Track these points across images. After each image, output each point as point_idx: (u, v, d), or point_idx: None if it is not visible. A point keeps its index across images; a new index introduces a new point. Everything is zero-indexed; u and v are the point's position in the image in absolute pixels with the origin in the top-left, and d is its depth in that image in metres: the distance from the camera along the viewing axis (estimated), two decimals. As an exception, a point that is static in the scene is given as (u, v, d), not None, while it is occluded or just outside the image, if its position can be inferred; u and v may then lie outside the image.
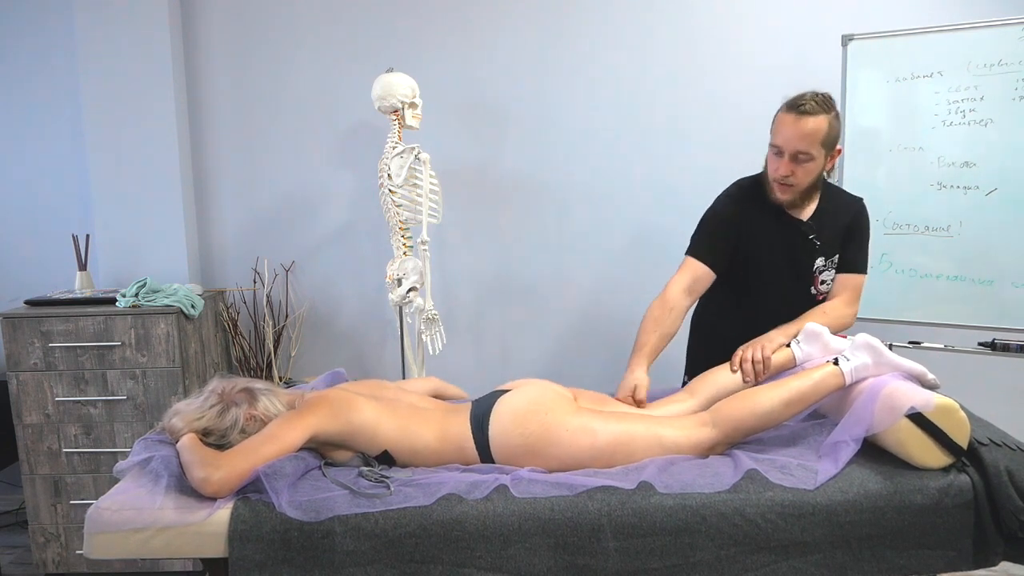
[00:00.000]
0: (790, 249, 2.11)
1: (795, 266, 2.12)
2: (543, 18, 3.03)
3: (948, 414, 1.52)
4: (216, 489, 1.44)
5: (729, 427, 1.66)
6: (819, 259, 2.11)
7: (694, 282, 2.10)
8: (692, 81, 3.05)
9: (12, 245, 3.09)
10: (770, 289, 2.15)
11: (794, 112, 1.96)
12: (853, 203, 2.15)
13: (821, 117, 1.95)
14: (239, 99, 3.06)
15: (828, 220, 2.11)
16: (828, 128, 1.96)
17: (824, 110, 1.96)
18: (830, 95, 2.01)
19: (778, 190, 2.05)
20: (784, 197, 2.05)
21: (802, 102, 1.96)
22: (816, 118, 1.94)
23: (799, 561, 1.47)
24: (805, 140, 1.95)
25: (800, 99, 1.97)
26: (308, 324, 3.17)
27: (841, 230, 2.11)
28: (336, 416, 1.60)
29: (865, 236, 2.14)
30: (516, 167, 3.10)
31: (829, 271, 2.13)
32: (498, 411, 1.67)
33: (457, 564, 1.44)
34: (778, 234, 2.11)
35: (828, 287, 2.14)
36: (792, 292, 2.14)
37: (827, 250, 2.12)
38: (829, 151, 2.01)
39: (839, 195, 2.18)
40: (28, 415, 2.60)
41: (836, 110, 2.00)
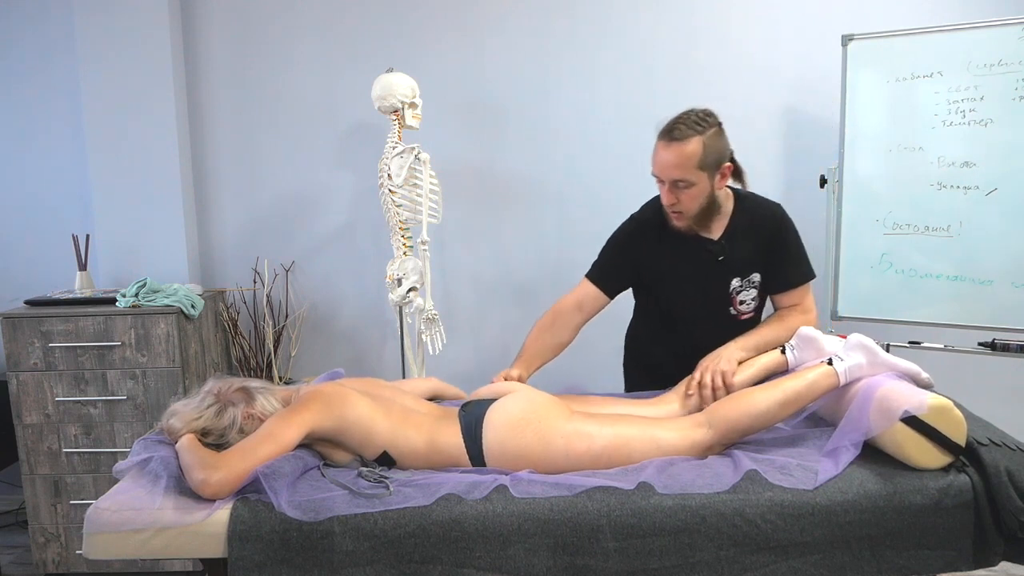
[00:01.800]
0: (700, 271, 2.02)
1: (708, 288, 2.03)
2: (543, 18, 3.03)
3: (943, 414, 1.51)
4: (215, 491, 1.44)
5: (725, 427, 1.66)
6: (734, 280, 2.02)
7: (584, 300, 2.09)
8: (692, 81, 3.05)
9: (12, 245, 3.09)
10: (688, 312, 2.09)
11: (664, 139, 1.88)
12: (768, 217, 2.02)
13: (693, 140, 1.84)
14: (239, 99, 3.06)
15: (741, 237, 2.01)
16: (703, 150, 1.85)
17: (697, 131, 1.85)
18: (709, 112, 1.91)
19: (671, 218, 1.97)
20: (679, 224, 1.97)
21: (673, 127, 1.87)
22: (686, 143, 1.84)
23: (799, 561, 1.47)
24: (679, 168, 1.86)
25: (672, 123, 1.88)
26: (308, 324, 3.17)
27: (759, 247, 2.01)
28: (330, 411, 1.60)
29: (790, 249, 2.03)
30: (516, 167, 3.10)
31: (748, 290, 2.03)
32: (491, 420, 1.65)
33: (457, 564, 1.44)
34: (685, 256, 2.02)
35: (749, 307, 2.05)
36: (712, 314, 2.06)
37: (742, 270, 2.02)
38: (712, 171, 1.89)
39: (755, 208, 2.04)
40: (28, 415, 2.60)
41: (715, 126, 1.89)
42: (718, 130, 1.90)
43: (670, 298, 2.10)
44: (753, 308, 2.08)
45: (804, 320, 2.02)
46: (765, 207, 2.06)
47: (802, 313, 2.04)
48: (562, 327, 2.09)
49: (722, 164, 1.91)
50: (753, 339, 1.98)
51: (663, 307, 2.14)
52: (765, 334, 1.99)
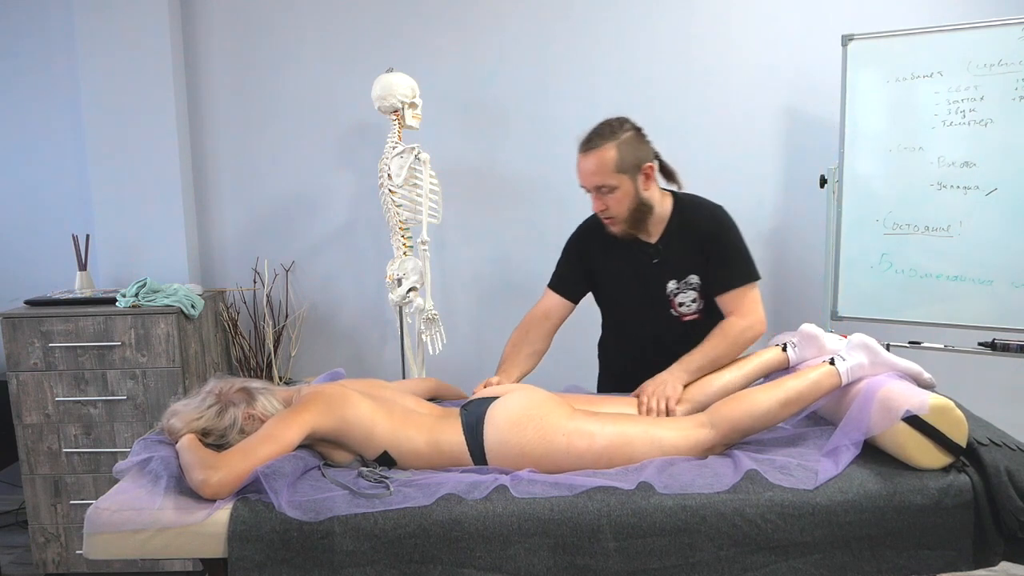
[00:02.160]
0: (638, 274, 2.08)
1: (648, 291, 2.08)
2: (543, 18, 3.03)
3: (944, 414, 1.51)
4: (215, 491, 1.44)
5: (727, 427, 1.66)
6: (670, 282, 2.06)
7: (550, 309, 2.17)
8: (692, 81, 3.05)
9: (12, 245, 3.09)
10: (633, 315, 2.14)
11: (581, 151, 1.97)
12: (705, 219, 2.04)
13: (606, 146, 1.92)
14: (239, 99, 3.06)
15: (676, 241, 2.04)
16: (617, 154, 1.92)
17: (608, 138, 1.93)
18: (623, 119, 1.99)
19: (606, 225, 2.04)
20: (615, 230, 2.02)
21: (588, 138, 1.96)
22: (599, 150, 1.93)
23: (799, 561, 1.47)
24: (597, 175, 1.94)
25: (587, 135, 1.97)
26: (308, 324, 3.17)
27: (696, 249, 2.03)
28: (331, 411, 1.60)
29: (726, 250, 2.02)
30: (516, 167, 3.10)
31: (685, 292, 2.05)
32: (492, 418, 1.66)
33: (457, 564, 1.44)
34: (625, 259, 2.08)
35: (690, 308, 2.07)
36: (655, 317, 2.09)
37: (677, 272, 2.05)
38: (632, 173, 1.95)
39: (693, 209, 2.06)
40: (28, 415, 2.60)
41: (628, 131, 1.96)
42: (633, 135, 1.97)
43: (616, 302, 2.17)
44: (696, 310, 2.08)
45: (743, 326, 1.97)
46: (703, 209, 2.07)
47: (741, 318, 1.99)
48: (535, 337, 2.15)
49: (642, 166, 1.97)
50: (696, 360, 1.94)
51: (613, 311, 2.21)
52: (708, 352, 1.95)
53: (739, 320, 1.99)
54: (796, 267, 3.13)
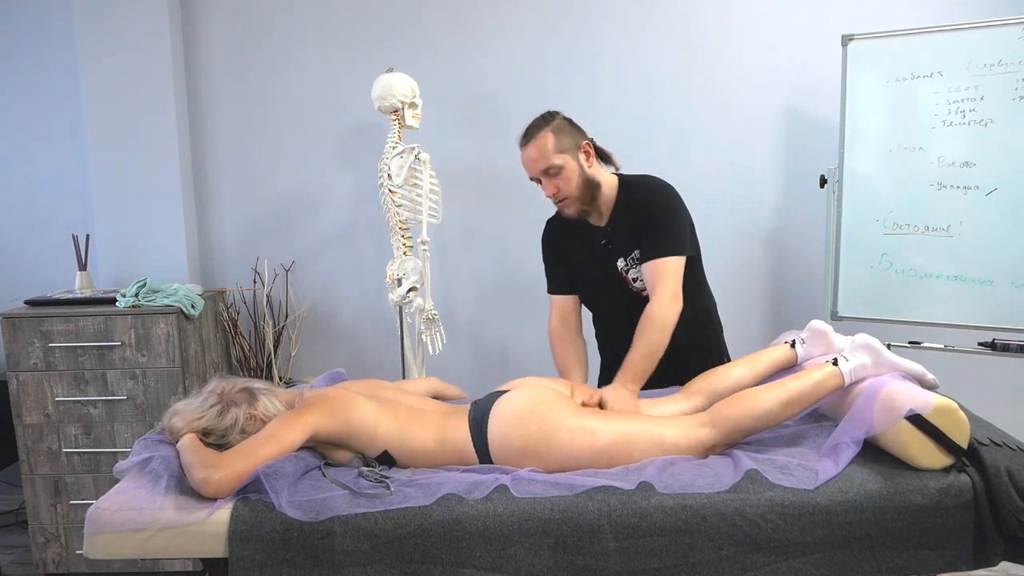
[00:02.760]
0: (596, 258, 2.17)
1: (605, 272, 2.17)
2: (543, 18, 3.03)
3: (947, 415, 1.52)
4: (216, 490, 1.44)
5: (728, 427, 1.66)
6: (619, 260, 2.14)
7: (562, 312, 2.25)
8: (692, 81, 3.05)
9: (12, 245, 3.09)
10: (601, 299, 2.25)
11: (522, 145, 2.08)
12: (643, 196, 2.09)
13: (540, 134, 2.04)
14: (239, 99, 3.06)
15: (622, 219, 2.12)
16: (554, 136, 2.03)
17: (542, 126, 2.05)
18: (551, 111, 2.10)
19: (561, 209, 2.13)
20: (571, 211, 2.11)
21: (524, 133, 2.08)
22: (535, 139, 2.04)
23: (799, 561, 1.47)
24: (541, 159, 2.04)
25: (523, 132, 2.08)
26: (308, 324, 3.17)
27: (638, 226, 2.08)
28: (335, 415, 1.60)
29: (656, 223, 2.04)
30: (516, 167, 3.07)
31: (635, 268, 2.12)
32: (497, 412, 1.67)
33: (457, 564, 1.44)
34: (584, 247, 2.19)
35: (643, 284, 2.11)
36: (618, 296, 2.17)
37: (622, 250, 2.13)
38: (574, 152, 2.05)
39: (636, 189, 2.12)
40: (28, 415, 2.60)
41: (558, 119, 2.07)
42: (563, 120, 2.09)
43: (586, 288, 2.26)
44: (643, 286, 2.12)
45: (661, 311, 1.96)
46: (644, 186, 2.13)
47: (657, 299, 1.98)
48: (569, 345, 2.23)
49: (580, 144, 2.08)
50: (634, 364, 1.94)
51: (588, 299, 2.29)
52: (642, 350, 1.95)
53: (655, 302, 1.99)
54: (796, 267, 3.13)
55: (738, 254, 3.13)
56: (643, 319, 1.99)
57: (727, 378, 1.91)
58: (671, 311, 1.98)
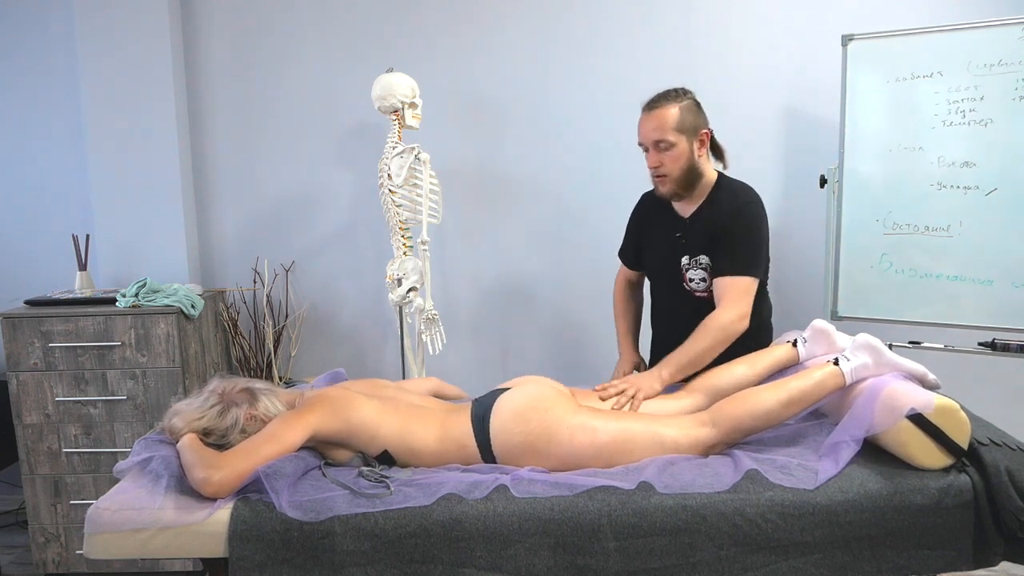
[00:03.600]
0: (665, 245, 2.22)
1: (668, 262, 2.21)
2: (543, 18, 3.03)
3: (948, 415, 1.52)
4: (216, 489, 1.44)
5: (729, 427, 1.66)
6: (684, 256, 2.17)
7: (629, 274, 2.45)
8: (692, 81, 3.01)
9: (12, 245, 3.09)
10: (659, 285, 2.32)
11: (646, 109, 2.09)
12: (732, 204, 2.09)
13: (670, 106, 2.05)
14: (239, 99, 3.06)
15: (703, 219, 2.14)
16: (679, 114, 2.05)
17: (673, 100, 2.06)
18: (685, 88, 2.12)
19: (656, 184, 2.15)
20: (664, 189, 2.13)
21: (652, 99, 2.09)
22: (663, 109, 2.05)
23: (799, 561, 1.47)
24: (658, 129, 2.04)
25: (652, 98, 2.10)
26: (308, 324, 3.17)
27: (715, 231, 2.09)
28: (336, 415, 1.61)
29: (735, 238, 2.06)
30: (516, 167, 3.10)
31: (695, 270, 2.15)
32: (499, 409, 1.67)
33: (457, 564, 1.44)
34: (660, 231, 2.25)
35: (699, 285, 2.15)
36: (672, 288, 2.22)
37: (690, 248, 2.15)
38: (691, 136, 2.07)
39: (728, 195, 2.13)
40: (28, 415, 2.60)
41: (689, 99, 2.08)
42: (693, 103, 2.10)
43: (649, 269, 2.35)
44: (705, 289, 2.16)
45: (724, 322, 1.98)
46: (735, 194, 2.13)
47: (724, 310, 2.01)
48: (630, 301, 2.46)
49: (699, 131, 2.09)
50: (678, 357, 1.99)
51: (650, 280, 2.38)
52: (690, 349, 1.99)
53: (722, 313, 2.01)
54: (796, 267, 3.13)
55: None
56: (705, 324, 2.00)
57: (729, 376, 1.91)
58: (734, 328, 2.00)
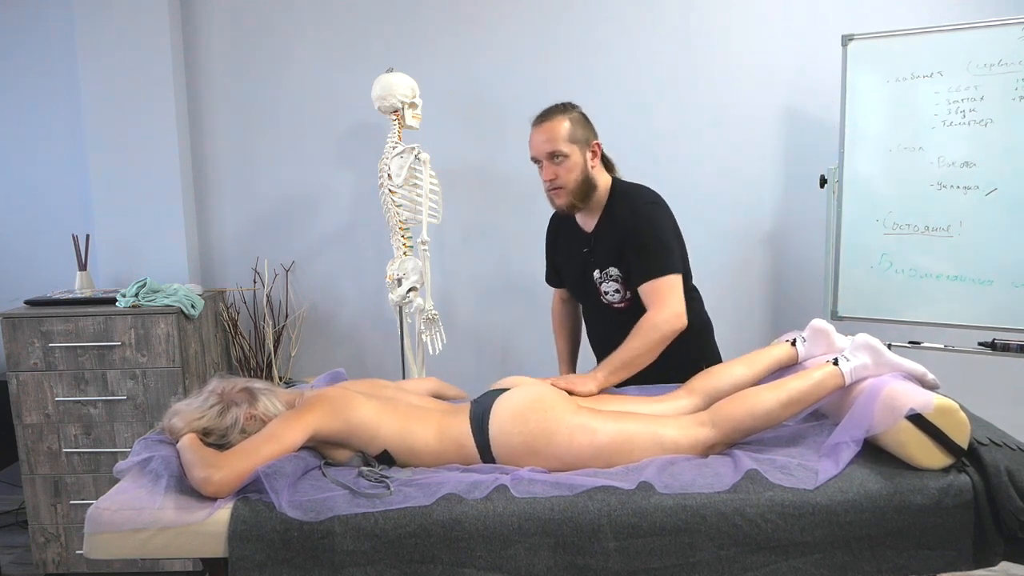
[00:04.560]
0: (575, 261, 2.22)
1: (583, 279, 2.20)
2: (543, 18, 3.03)
3: (948, 415, 1.51)
4: (216, 489, 1.44)
5: (728, 427, 1.66)
6: (595, 271, 2.15)
7: (560, 294, 2.45)
8: (692, 81, 3.05)
9: (12, 245, 3.09)
10: (581, 302, 2.34)
11: (536, 124, 2.08)
12: (628, 210, 2.08)
13: (558, 118, 2.05)
14: (239, 99, 3.06)
15: (605, 231, 2.12)
16: (571, 126, 2.05)
17: (562, 113, 2.06)
18: (571, 102, 2.12)
19: (552, 197, 2.12)
20: (560, 202, 2.10)
21: (540, 114, 2.09)
22: (554, 121, 2.05)
23: (799, 561, 1.47)
24: (549, 142, 2.04)
25: (540, 113, 2.09)
26: (308, 324, 3.17)
27: (616, 242, 2.08)
28: (335, 414, 1.61)
29: (643, 242, 2.03)
30: (516, 167, 3.10)
31: (607, 283, 2.13)
32: (498, 409, 1.67)
33: (457, 564, 1.44)
34: (569, 249, 2.24)
35: (615, 298, 2.14)
36: (592, 304, 2.23)
37: (599, 262, 2.13)
38: (583, 147, 2.06)
39: (623, 199, 2.11)
40: (28, 415, 2.60)
41: (577, 112, 2.09)
42: (582, 115, 2.11)
43: (567, 286, 2.37)
44: (620, 300, 2.15)
45: (658, 321, 1.97)
46: (631, 199, 2.11)
47: (657, 311, 1.99)
48: (566, 320, 2.46)
49: (591, 142, 2.10)
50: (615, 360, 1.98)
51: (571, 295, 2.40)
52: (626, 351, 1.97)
53: (654, 314, 1.99)
54: (796, 267, 3.13)
55: (738, 254, 3.13)
56: (639, 325, 1.99)
57: (728, 376, 1.91)
58: (669, 326, 1.98)
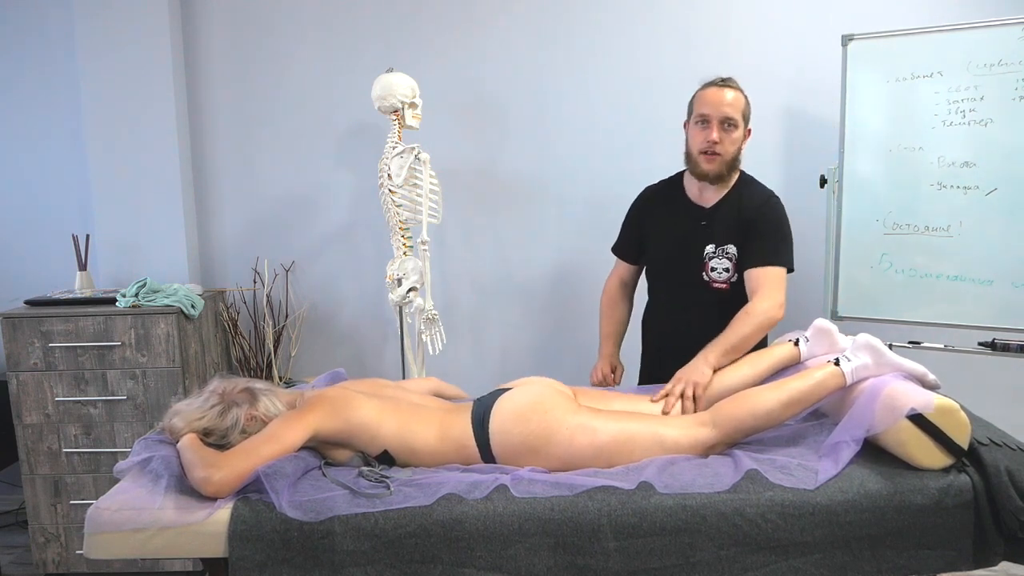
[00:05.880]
0: (683, 234, 2.22)
1: (688, 251, 2.21)
2: (543, 18, 3.03)
3: (948, 415, 1.52)
4: (217, 489, 1.44)
5: (729, 427, 1.66)
6: (709, 245, 2.18)
7: (622, 274, 2.46)
8: (692, 81, 3.02)
9: (12, 245, 3.09)
10: (670, 277, 2.29)
11: (716, 86, 2.16)
12: (760, 197, 2.19)
13: (739, 90, 2.16)
14: (239, 99, 3.06)
15: (728, 209, 2.18)
16: (746, 101, 2.16)
17: (739, 87, 2.17)
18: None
19: (705, 161, 2.14)
20: (711, 167, 2.14)
21: (723, 79, 2.17)
22: (736, 90, 2.15)
23: (799, 561, 1.47)
24: (731, 106, 2.11)
25: (720, 78, 2.18)
26: (308, 324, 3.17)
27: (741, 222, 2.16)
28: (336, 415, 1.61)
29: (768, 228, 2.14)
30: (516, 167, 3.10)
31: (720, 259, 2.17)
32: (499, 409, 1.67)
33: (457, 564, 1.44)
34: (675, 221, 2.25)
35: (721, 275, 2.18)
36: (688, 280, 2.22)
37: (717, 237, 2.18)
38: (745, 125, 2.17)
39: (750, 188, 2.23)
40: (28, 415, 2.60)
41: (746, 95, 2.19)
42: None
43: (659, 260, 2.33)
44: (725, 280, 2.18)
45: (765, 308, 2.03)
46: (761, 190, 2.23)
47: (761, 299, 2.05)
48: (620, 303, 2.46)
49: (748, 124, 2.20)
50: (722, 343, 2.00)
51: (655, 274, 2.37)
52: (732, 335, 2.01)
53: (760, 302, 2.06)
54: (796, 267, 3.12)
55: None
56: (746, 310, 2.04)
57: (730, 376, 1.91)
58: (774, 315, 2.05)
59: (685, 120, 2.28)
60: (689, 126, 2.22)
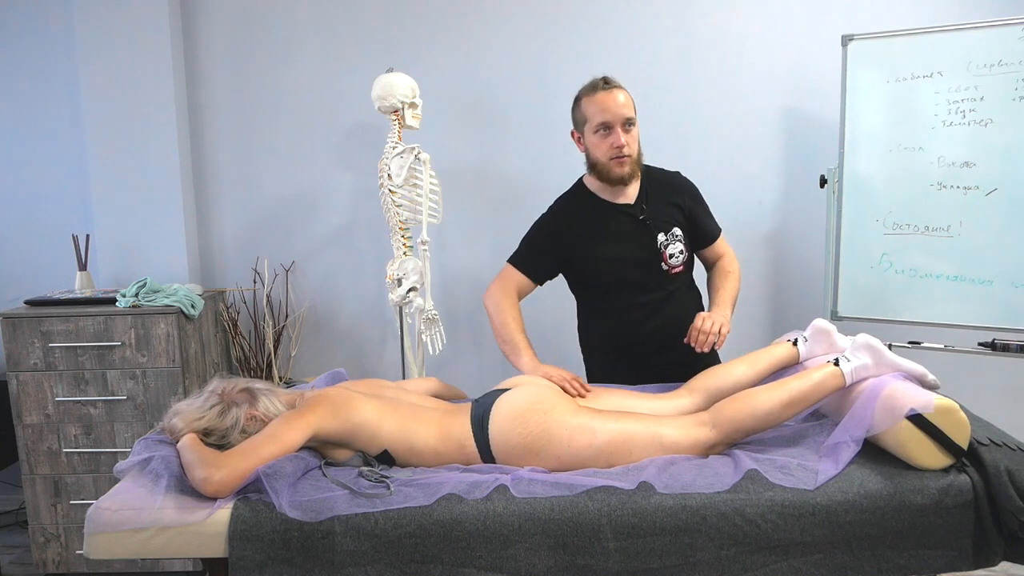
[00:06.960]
0: (630, 234, 2.17)
1: (641, 248, 2.17)
2: (543, 18, 3.03)
3: (948, 415, 1.52)
4: (217, 489, 1.44)
5: (729, 427, 1.66)
6: (659, 235, 2.18)
7: (521, 284, 2.23)
8: (692, 81, 3.05)
9: (12, 245, 3.09)
10: (624, 278, 2.18)
11: (603, 88, 2.09)
12: (668, 175, 2.26)
13: (623, 88, 2.10)
14: (239, 99, 3.06)
15: (654, 197, 2.20)
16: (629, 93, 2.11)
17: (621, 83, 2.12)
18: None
19: (617, 166, 2.10)
20: (624, 170, 2.11)
21: (603, 79, 2.11)
22: (623, 89, 2.10)
23: (799, 561, 1.47)
24: (626, 106, 2.07)
25: (599, 79, 2.12)
26: (308, 324, 3.17)
27: (673, 205, 2.21)
28: (336, 415, 1.61)
29: (698, 202, 2.26)
30: (516, 167, 3.10)
31: (673, 244, 2.18)
32: (498, 409, 1.67)
33: (457, 564, 1.44)
34: (614, 229, 2.17)
35: (678, 259, 2.20)
36: (647, 275, 2.18)
37: (663, 226, 2.19)
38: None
39: (659, 173, 2.27)
40: (28, 415, 2.60)
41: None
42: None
43: (604, 270, 2.19)
44: (682, 262, 2.21)
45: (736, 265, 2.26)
46: (669, 172, 2.28)
47: (731, 260, 2.27)
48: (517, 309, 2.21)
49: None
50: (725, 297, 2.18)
51: (597, 284, 2.23)
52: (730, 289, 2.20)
53: (731, 261, 2.27)
54: (796, 267, 3.13)
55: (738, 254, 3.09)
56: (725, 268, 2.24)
57: (729, 376, 1.91)
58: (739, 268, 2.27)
59: (572, 130, 2.20)
60: (586, 136, 2.12)
